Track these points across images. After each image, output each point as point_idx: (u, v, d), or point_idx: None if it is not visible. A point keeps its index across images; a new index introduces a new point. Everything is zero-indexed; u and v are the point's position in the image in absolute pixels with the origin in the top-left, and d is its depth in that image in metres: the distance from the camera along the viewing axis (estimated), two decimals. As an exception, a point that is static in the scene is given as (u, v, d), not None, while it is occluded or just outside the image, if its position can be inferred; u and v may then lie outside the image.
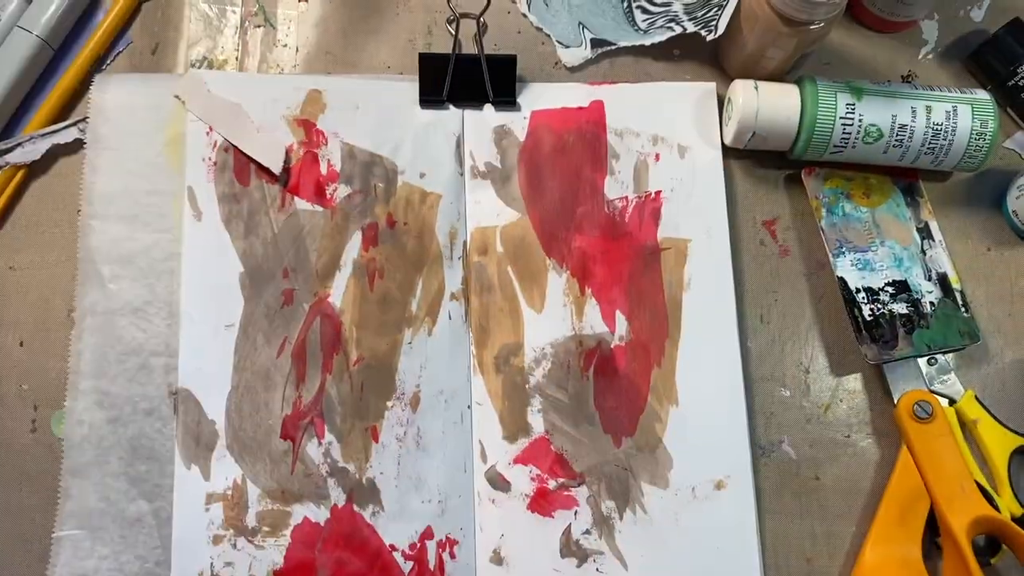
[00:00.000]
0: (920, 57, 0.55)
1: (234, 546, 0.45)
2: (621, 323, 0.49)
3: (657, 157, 0.51)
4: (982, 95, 0.50)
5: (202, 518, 0.46)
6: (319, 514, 0.46)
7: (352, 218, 0.49)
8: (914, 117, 0.49)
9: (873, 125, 0.49)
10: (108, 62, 0.52)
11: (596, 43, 0.53)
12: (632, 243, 0.50)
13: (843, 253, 0.50)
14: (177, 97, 0.50)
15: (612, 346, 0.49)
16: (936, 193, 0.53)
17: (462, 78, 0.51)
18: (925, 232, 0.51)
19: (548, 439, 0.48)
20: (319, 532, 0.46)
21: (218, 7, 0.53)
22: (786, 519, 0.48)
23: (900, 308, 0.49)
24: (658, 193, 0.51)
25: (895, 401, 0.48)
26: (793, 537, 0.48)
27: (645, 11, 0.54)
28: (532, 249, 0.50)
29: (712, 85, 0.53)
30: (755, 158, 0.52)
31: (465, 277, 0.50)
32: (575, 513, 0.47)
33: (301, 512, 0.46)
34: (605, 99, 0.52)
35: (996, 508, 0.46)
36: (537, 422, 0.48)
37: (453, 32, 0.52)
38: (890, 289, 0.50)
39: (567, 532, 0.47)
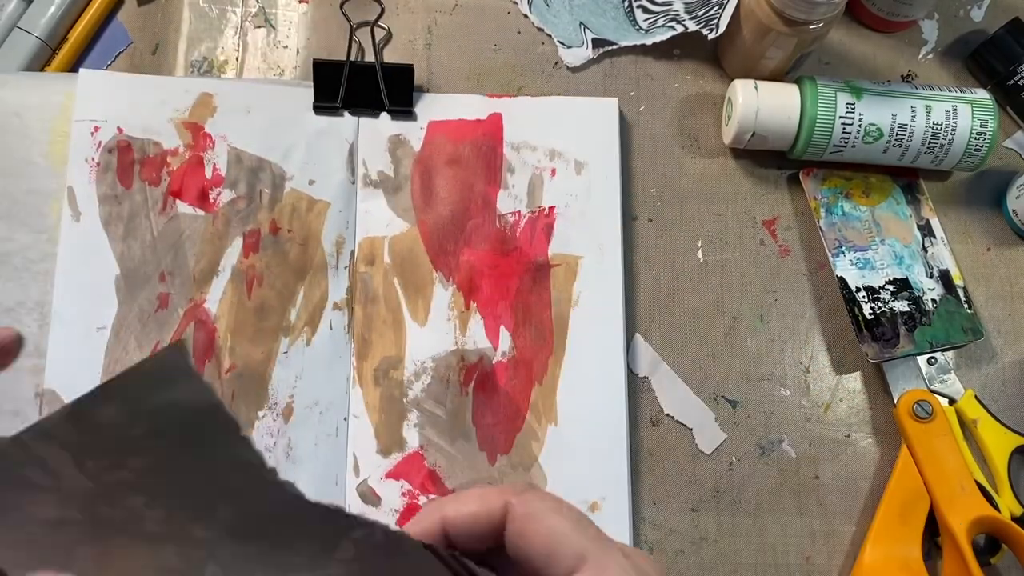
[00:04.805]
0: (920, 57, 0.55)
1: None
2: (505, 339, 0.48)
3: (553, 172, 0.50)
4: (982, 95, 0.50)
5: None
6: None
7: (234, 224, 0.48)
8: (914, 117, 0.49)
9: (873, 125, 0.49)
10: (109, 62, 0.52)
11: (597, 43, 0.53)
12: (522, 258, 0.49)
13: (842, 252, 0.50)
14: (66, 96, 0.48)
15: (494, 362, 0.48)
16: (936, 193, 0.53)
17: (360, 86, 0.50)
18: (926, 229, 0.51)
19: (422, 454, 0.47)
20: None
21: (218, 7, 0.53)
22: (785, 518, 0.48)
23: (901, 306, 0.49)
24: (552, 209, 0.50)
25: (895, 401, 0.48)
26: (792, 536, 0.48)
27: (646, 10, 0.54)
28: (419, 261, 0.49)
29: (614, 101, 0.51)
30: (755, 158, 0.52)
31: (350, 287, 0.48)
32: None
33: None
34: (504, 112, 0.51)
35: (996, 508, 0.46)
36: (412, 437, 0.47)
37: (356, 39, 0.50)
38: (891, 287, 0.50)
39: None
